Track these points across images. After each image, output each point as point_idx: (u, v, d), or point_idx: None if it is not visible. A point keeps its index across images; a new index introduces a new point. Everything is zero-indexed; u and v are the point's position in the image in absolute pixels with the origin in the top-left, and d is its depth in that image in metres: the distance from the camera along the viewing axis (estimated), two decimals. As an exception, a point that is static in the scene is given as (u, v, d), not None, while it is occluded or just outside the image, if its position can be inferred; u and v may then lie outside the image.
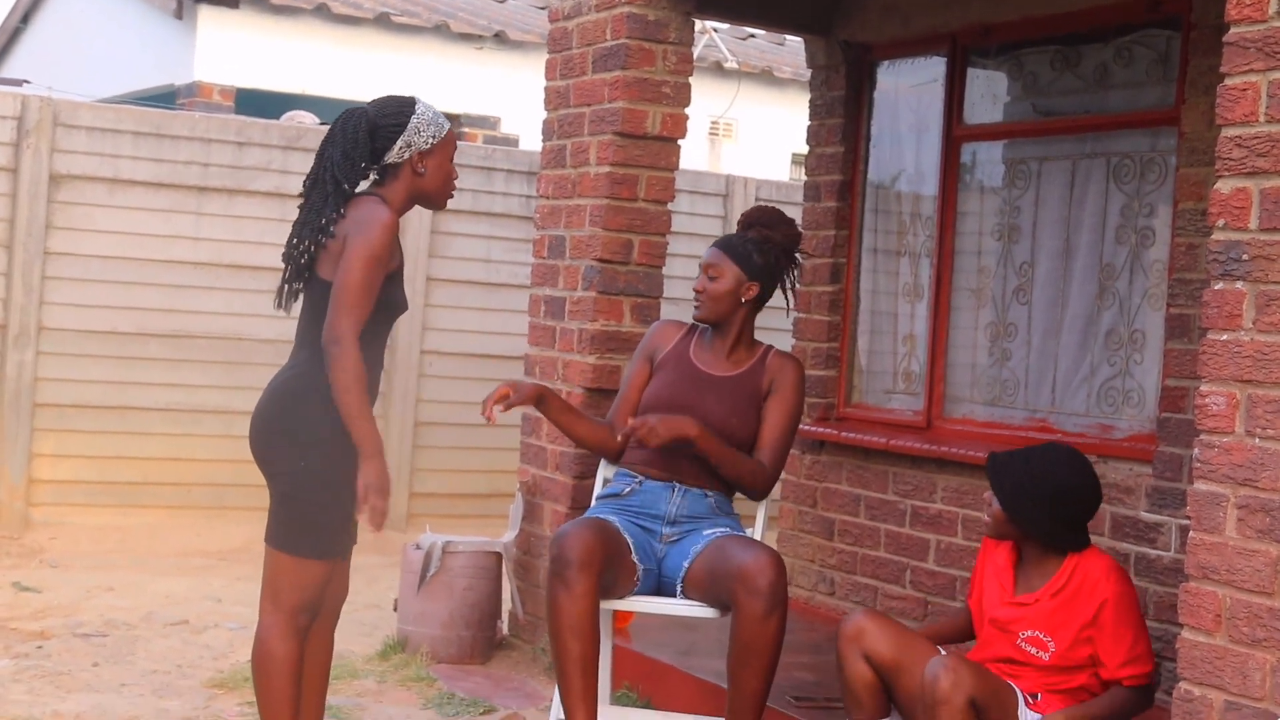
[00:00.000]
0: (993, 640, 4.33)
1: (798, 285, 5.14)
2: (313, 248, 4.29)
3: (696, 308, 4.96)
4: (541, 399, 4.95)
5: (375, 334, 4.34)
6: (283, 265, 4.40)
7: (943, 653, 4.21)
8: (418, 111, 4.40)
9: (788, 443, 4.95)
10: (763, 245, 4.96)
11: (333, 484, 4.26)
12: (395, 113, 4.38)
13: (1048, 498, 4.24)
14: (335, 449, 4.22)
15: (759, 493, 4.88)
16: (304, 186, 4.40)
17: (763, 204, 5.25)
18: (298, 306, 4.42)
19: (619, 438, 4.87)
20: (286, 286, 4.40)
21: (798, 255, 5.08)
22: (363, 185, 4.42)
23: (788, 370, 4.92)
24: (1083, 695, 4.21)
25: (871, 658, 4.24)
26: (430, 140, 4.39)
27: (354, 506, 4.28)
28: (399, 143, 4.35)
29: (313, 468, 4.24)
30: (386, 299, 4.31)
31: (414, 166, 4.38)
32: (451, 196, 4.56)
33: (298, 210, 4.39)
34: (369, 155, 4.35)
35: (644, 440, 4.70)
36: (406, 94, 4.52)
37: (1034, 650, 4.24)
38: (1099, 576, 4.22)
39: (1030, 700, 4.13)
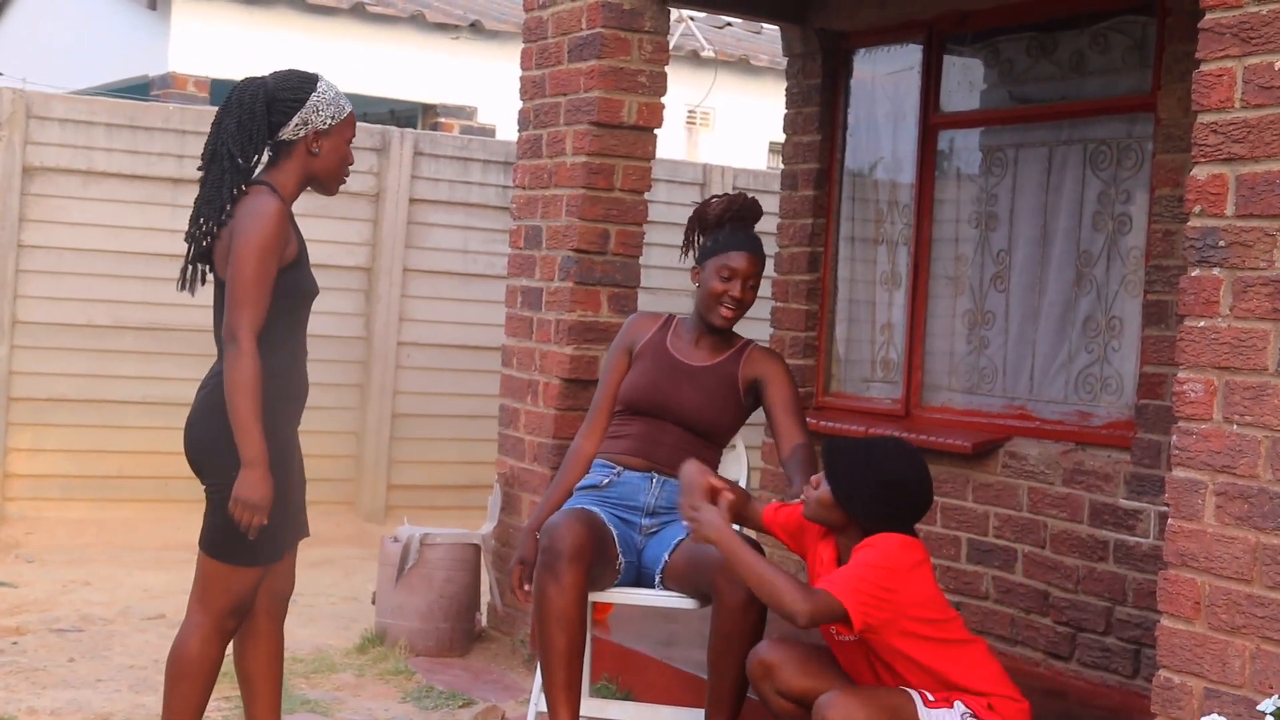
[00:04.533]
0: (824, 631, 4.19)
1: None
2: (215, 229, 4.22)
3: (728, 315, 4.83)
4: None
5: (291, 324, 4.27)
6: (186, 246, 4.31)
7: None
8: (319, 90, 4.26)
9: (804, 422, 4.85)
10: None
11: None
12: (295, 88, 4.25)
13: (882, 486, 4.03)
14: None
15: None
16: (201, 160, 4.30)
17: (738, 194, 5.11)
18: (205, 291, 4.34)
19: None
20: (190, 268, 4.32)
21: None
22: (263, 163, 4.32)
23: (772, 364, 4.88)
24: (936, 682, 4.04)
25: (785, 693, 4.13)
26: (328, 121, 4.26)
27: (284, 512, 4.22)
28: (295, 119, 4.23)
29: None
30: (292, 287, 4.22)
31: (309, 146, 4.26)
32: (344, 182, 4.41)
33: (198, 186, 4.29)
34: (265, 129, 4.24)
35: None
36: (311, 71, 4.38)
37: (844, 637, 4.08)
38: (878, 539, 4.02)
39: (928, 699, 4.01)
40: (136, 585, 7.74)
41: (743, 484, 5.01)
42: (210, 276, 4.33)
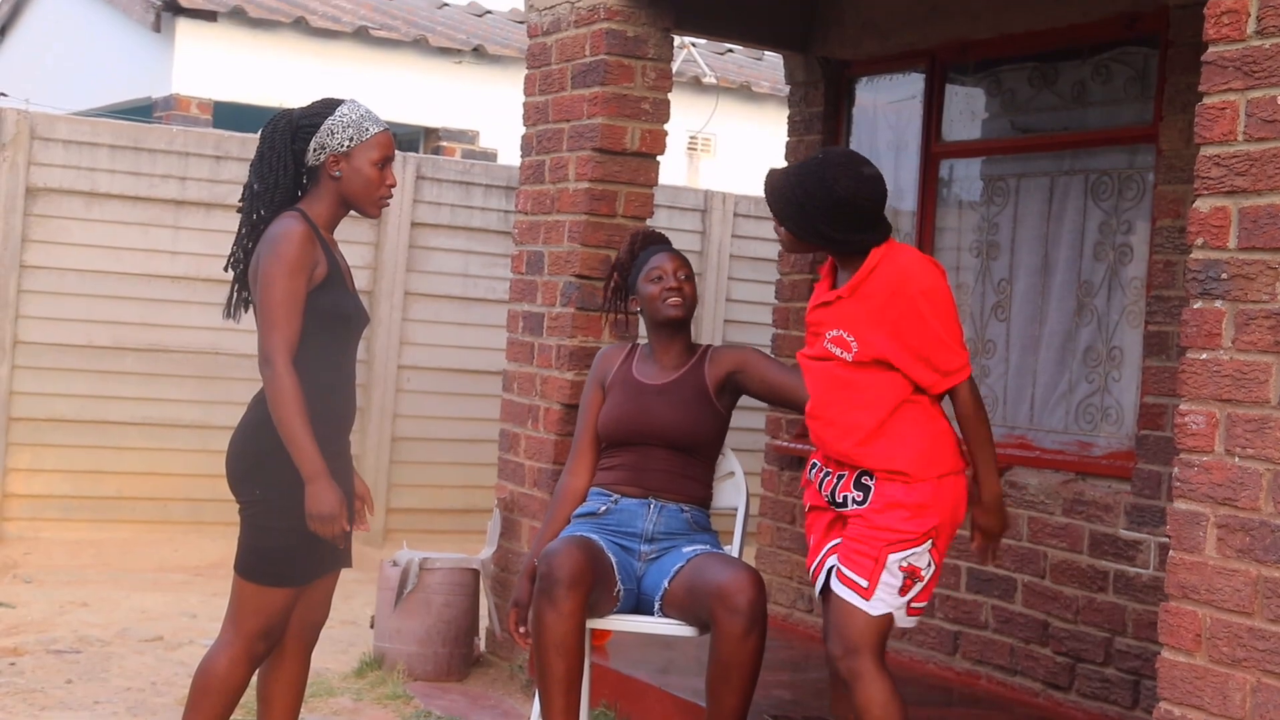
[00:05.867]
0: (809, 343, 4.23)
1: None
2: (240, 252, 4.27)
3: (676, 305, 4.91)
4: None
5: (328, 347, 4.25)
6: (231, 275, 4.38)
7: None
8: (336, 113, 4.25)
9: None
10: None
11: (291, 512, 4.15)
12: (314, 113, 4.26)
13: (828, 211, 4.02)
14: (295, 477, 4.11)
15: None
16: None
17: (638, 229, 5.28)
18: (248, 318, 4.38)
19: None
20: (235, 295, 4.36)
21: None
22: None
23: (739, 353, 4.96)
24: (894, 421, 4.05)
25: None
26: (345, 144, 4.24)
27: (315, 537, 4.19)
28: (312, 144, 4.24)
29: (267, 496, 4.16)
30: (329, 308, 4.21)
31: (329, 170, 4.26)
32: (384, 204, 4.38)
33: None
34: (288, 155, 4.25)
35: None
36: (340, 96, 4.39)
37: (839, 350, 4.09)
38: (906, 266, 4.02)
39: (854, 582, 4.02)
40: (134, 607, 7.72)
41: (741, 511, 5.02)
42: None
